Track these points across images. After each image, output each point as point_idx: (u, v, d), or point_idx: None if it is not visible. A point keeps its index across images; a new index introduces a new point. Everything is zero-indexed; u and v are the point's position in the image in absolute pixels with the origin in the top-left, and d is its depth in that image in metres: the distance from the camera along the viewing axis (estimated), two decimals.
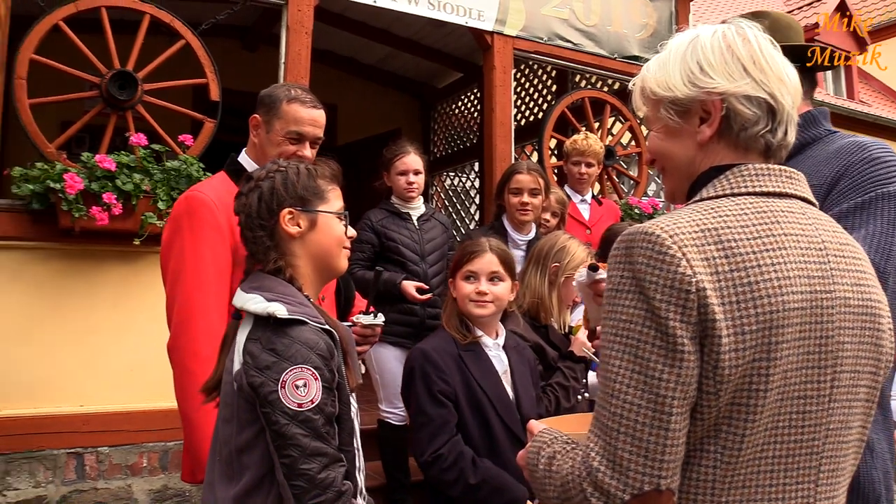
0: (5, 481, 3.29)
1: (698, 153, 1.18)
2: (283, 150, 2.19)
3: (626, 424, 0.99)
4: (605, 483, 0.99)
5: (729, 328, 0.99)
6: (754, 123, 1.14)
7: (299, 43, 3.99)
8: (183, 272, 2.07)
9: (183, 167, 3.47)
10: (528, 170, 3.52)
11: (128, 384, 3.58)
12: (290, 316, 1.46)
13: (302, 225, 1.62)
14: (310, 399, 1.41)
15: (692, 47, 1.17)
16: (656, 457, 0.98)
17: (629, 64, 5.23)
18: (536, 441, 1.17)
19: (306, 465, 1.40)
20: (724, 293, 1.00)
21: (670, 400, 0.98)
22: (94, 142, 3.99)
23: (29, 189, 3.26)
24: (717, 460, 1.03)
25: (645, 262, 1.02)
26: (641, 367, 1.00)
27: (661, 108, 1.20)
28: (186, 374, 2.03)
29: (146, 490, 3.56)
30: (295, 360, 1.42)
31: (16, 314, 3.30)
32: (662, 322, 0.99)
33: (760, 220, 1.07)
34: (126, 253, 3.55)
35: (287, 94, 2.22)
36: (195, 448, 2.04)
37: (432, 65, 7.24)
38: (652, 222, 1.06)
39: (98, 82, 3.52)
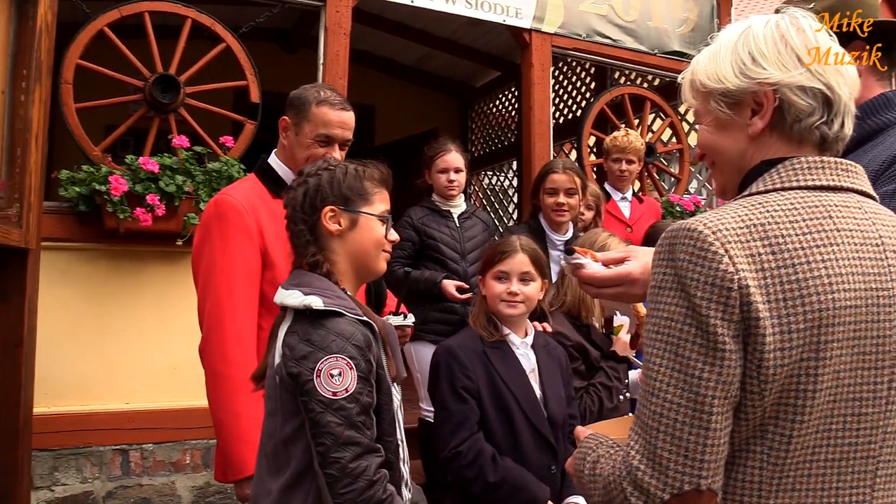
0: (53, 476, 3.37)
1: (749, 146, 1.14)
2: (313, 152, 2.19)
3: (666, 423, 0.98)
4: (644, 482, 0.98)
5: (774, 326, 0.96)
6: (809, 115, 1.09)
7: (338, 44, 4.01)
8: (213, 276, 2.09)
9: (224, 168, 3.51)
10: (564, 169, 3.40)
11: (171, 382, 3.64)
12: (326, 307, 1.49)
13: (342, 223, 1.65)
14: (344, 388, 1.44)
15: (744, 38, 1.14)
16: (696, 456, 0.97)
17: (670, 59, 5.15)
18: (583, 447, 1.16)
19: (338, 454, 1.42)
20: (769, 290, 0.97)
21: (710, 399, 0.96)
22: (137, 145, 4.07)
23: (75, 191, 3.33)
24: (763, 461, 1.01)
25: (687, 258, 1.00)
26: (682, 366, 0.98)
27: (711, 101, 1.16)
28: (216, 377, 2.07)
29: (189, 486, 3.62)
30: (330, 349, 1.45)
31: (63, 314, 3.37)
32: (703, 320, 0.97)
33: (811, 215, 1.03)
34: (169, 253, 3.61)
35: (316, 96, 2.21)
36: (226, 448, 2.07)
37: (470, 64, 7.23)
38: (696, 218, 1.03)
39: (142, 86, 3.59)
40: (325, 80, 3.98)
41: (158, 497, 3.55)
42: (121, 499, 3.47)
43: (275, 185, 2.23)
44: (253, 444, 1.98)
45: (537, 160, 4.58)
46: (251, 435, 1.99)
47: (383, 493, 1.43)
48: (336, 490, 1.42)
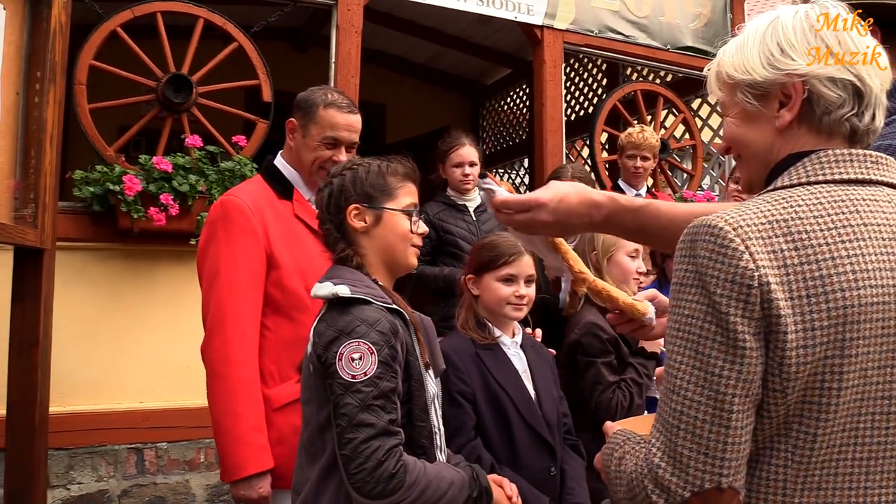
0: (69, 475, 3.39)
1: (777, 139, 1.12)
2: (319, 154, 2.21)
3: (687, 421, 0.97)
4: (665, 480, 0.98)
5: (797, 324, 0.95)
6: (839, 106, 1.07)
7: (349, 42, 4.01)
8: (217, 276, 2.09)
9: (237, 168, 3.52)
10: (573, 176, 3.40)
11: (185, 381, 3.64)
12: (353, 295, 1.54)
13: (367, 220, 1.69)
14: (363, 371, 1.48)
15: (772, 28, 1.12)
16: (717, 454, 0.96)
17: (682, 55, 5.11)
18: (610, 443, 1.16)
19: (351, 435, 1.45)
20: (791, 287, 0.96)
21: (731, 397, 0.95)
22: (150, 145, 4.08)
23: (90, 191, 3.35)
24: (788, 459, 0.99)
25: (707, 255, 0.98)
26: (702, 364, 0.97)
27: (737, 93, 1.14)
28: (216, 377, 2.08)
29: (203, 485, 3.63)
30: (353, 335, 1.50)
31: (78, 313, 3.39)
32: (723, 318, 0.96)
33: (837, 210, 1.01)
34: (182, 252, 3.62)
35: (324, 98, 2.23)
36: (223, 449, 2.07)
37: (481, 62, 7.21)
38: (717, 214, 1.01)
39: (154, 86, 3.60)
40: (337, 78, 3.98)
41: (173, 495, 3.56)
42: (136, 497, 3.49)
43: (281, 186, 2.25)
44: (251, 446, 2.02)
45: (549, 157, 4.57)
46: (249, 436, 2.02)
47: (394, 468, 1.45)
48: (349, 470, 1.45)
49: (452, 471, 1.59)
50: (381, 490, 1.44)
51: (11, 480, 2.45)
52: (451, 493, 1.55)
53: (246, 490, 2.02)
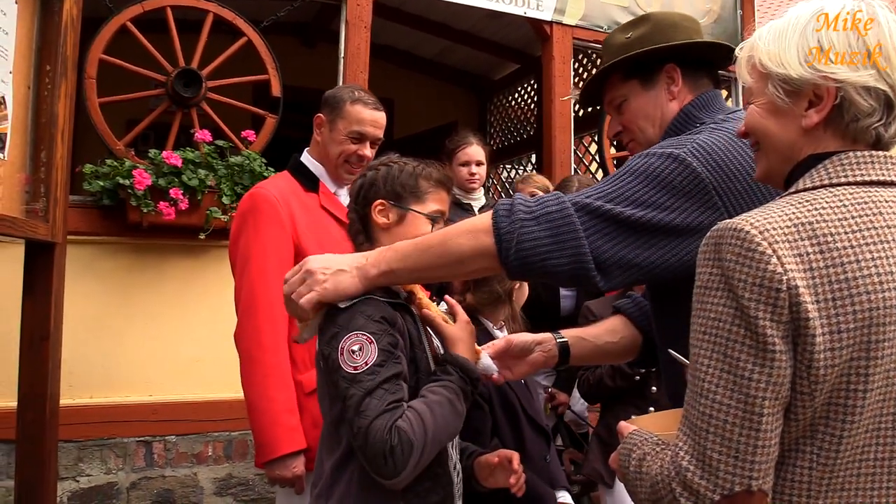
0: (78, 467, 3.41)
1: (800, 138, 1.11)
2: (345, 148, 2.30)
3: (716, 424, 0.97)
4: (694, 483, 0.98)
5: (824, 326, 0.95)
6: (868, 115, 1.07)
7: (358, 38, 4.01)
8: (248, 265, 2.19)
9: (246, 162, 3.52)
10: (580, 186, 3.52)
11: (193, 375, 3.66)
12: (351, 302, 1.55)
13: (390, 218, 1.71)
14: (364, 361, 1.49)
15: (812, 23, 1.09)
16: (747, 457, 0.96)
17: None
18: (627, 443, 1.16)
19: (358, 424, 1.46)
20: (818, 290, 0.96)
21: (761, 400, 0.95)
22: (158, 139, 4.09)
23: (99, 185, 3.36)
24: (813, 461, 1.00)
25: (733, 259, 0.98)
26: (731, 367, 0.97)
27: (769, 84, 1.12)
28: (250, 361, 2.17)
29: (211, 478, 3.65)
30: (351, 328, 1.52)
31: (87, 307, 3.40)
32: (752, 321, 0.96)
33: (861, 213, 1.01)
34: (191, 247, 3.63)
35: (351, 95, 2.33)
36: (258, 430, 2.15)
37: (489, 57, 7.19)
38: (741, 217, 1.01)
39: (164, 80, 3.60)
40: (346, 73, 3.98)
41: (181, 488, 3.58)
42: (144, 490, 3.50)
43: (307, 180, 2.34)
44: (284, 427, 2.10)
45: (558, 153, 4.57)
46: (283, 417, 2.11)
47: (394, 439, 1.43)
48: (367, 459, 1.45)
49: (439, 389, 1.55)
50: (395, 466, 1.44)
51: (22, 472, 2.46)
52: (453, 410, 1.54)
53: (281, 470, 2.11)
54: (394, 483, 1.47)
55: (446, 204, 1.77)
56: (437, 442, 1.52)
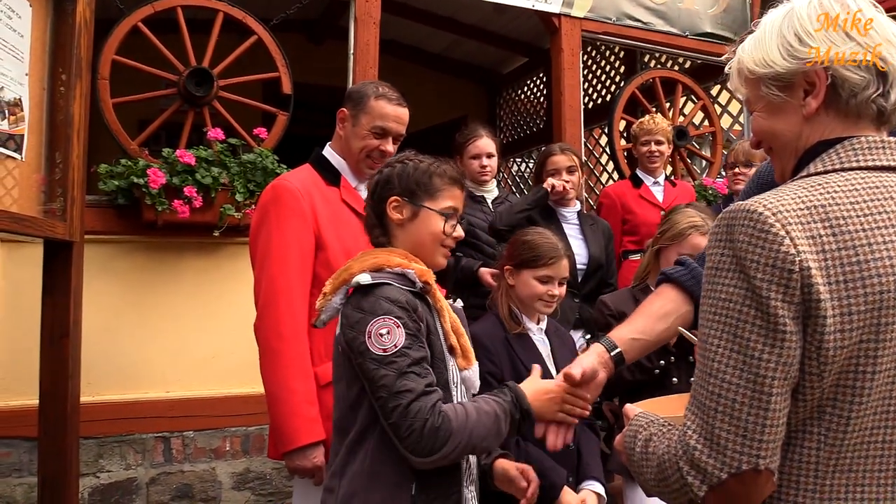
0: (98, 463, 3.46)
1: (805, 127, 1.13)
2: (367, 143, 2.32)
3: (725, 404, 0.99)
4: (702, 461, 0.99)
5: (835, 308, 0.96)
6: (864, 88, 1.08)
7: (368, 34, 4.02)
8: (269, 257, 2.21)
9: (258, 160, 3.55)
10: (562, 150, 3.58)
11: (210, 371, 3.70)
12: (373, 281, 1.60)
13: (404, 214, 1.75)
14: (393, 344, 1.54)
15: (788, 19, 1.13)
16: (755, 436, 0.97)
17: (702, 41, 5.08)
18: (633, 425, 1.17)
19: (394, 403, 1.51)
20: (830, 272, 0.97)
21: (770, 380, 0.96)
22: (169, 138, 4.12)
23: (114, 185, 3.39)
24: (820, 442, 1.01)
25: (746, 240, 0.99)
26: (741, 347, 0.98)
27: (762, 87, 1.15)
28: (270, 352, 2.18)
29: (229, 473, 3.69)
30: (377, 312, 1.57)
31: (104, 306, 3.44)
32: (763, 302, 0.97)
33: (872, 197, 1.02)
34: (205, 245, 3.66)
35: (375, 90, 2.34)
36: (277, 421, 2.17)
37: (497, 51, 7.20)
38: (754, 199, 1.02)
39: (176, 80, 3.63)
40: (356, 70, 4.00)
41: (200, 483, 3.62)
42: (164, 485, 3.55)
43: (329, 173, 2.36)
44: (304, 418, 2.13)
45: None
46: (302, 408, 2.12)
47: (438, 421, 1.51)
48: (400, 435, 1.51)
49: (492, 402, 1.62)
50: (433, 445, 1.50)
51: (45, 468, 2.50)
52: (496, 426, 1.59)
53: (301, 460, 2.12)
54: (424, 462, 1.52)
55: (460, 201, 1.80)
56: (471, 445, 1.56)
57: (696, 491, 1.00)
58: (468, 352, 1.75)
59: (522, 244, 2.40)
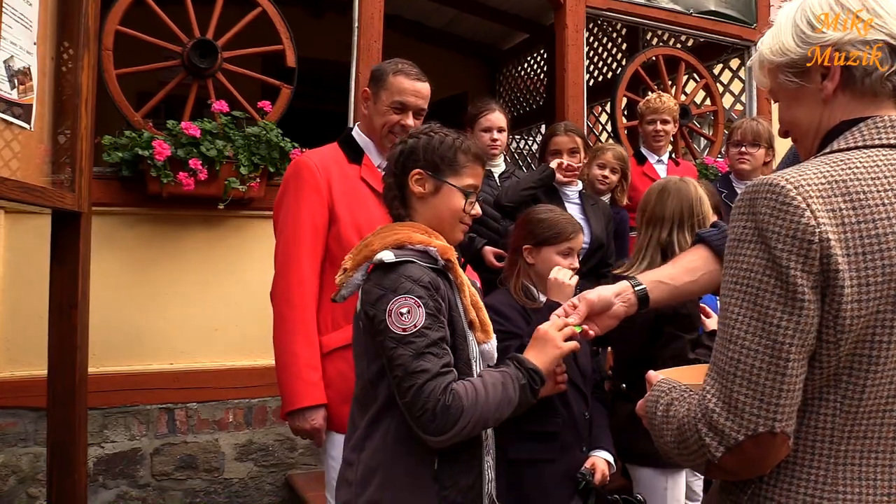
0: (103, 434, 3.49)
1: (824, 111, 1.17)
2: (388, 119, 2.38)
3: (743, 369, 1.02)
4: (719, 423, 1.02)
5: (853, 279, 0.98)
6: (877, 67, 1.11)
7: (372, 7, 4.00)
8: (286, 228, 2.32)
9: (263, 133, 3.54)
10: (566, 131, 3.54)
11: (213, 343, 3.72)
12: (396, 259, 1.60)
13: (427, 188, 1.74)
14: (413, 324, 1.55)
15: (800, 9, 1.17)
16: (772, 400, 1.00)
17: (705, 19, 5.06)
18: (655, 390, 1.20)
19: (409, 382, 1.52)
20: (849, 244, 0.99)
21: (788, 346, 0.99)
22: (168, 111, 4.09)
23: (118, 157, 3.38)
24: (836, 409, 1.04)
25: (768, 212, 1.02)
26: (760, 315, 1.01)
27: (779, 75, 1.20)
28: (280, 318, 2.30)
29: (232, 444, 3.72)
30: (399, 291, 1.57)
31: (109, 278, 3.44)
32: (783, 271, 0.99)
33: (893, 173, 1.05)
34: (209, 217, 3.67)
35: (394, 67, 2.42)
36: (282, 383, 2.27)
37: (498, 26, 7.17)
38: (777, 174, 1.05)
39: (180, 52, 3.61)
40: (360, 43, 3.98)
41: (203, 454, 3.65)
42: (168, 455, 3.58)
43: (352, 151, 2.44)
44: (305, 381, 2.22)
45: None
46: (305, 373, 2.23)
47: (449, 399, 1.52)
48: (414, 415, 1.53)
49: (497, 373, 1.63)
50: (445, 423, 1.51)
51: (54, 438, 2.52)
52: (505, 394, 1.61)
53: (300, 422, 2.23)
54: (436, 441, 1.54)
55: (480, 179, 1.80)
56: (484, 419, 1.57)
57: (714, 452, 1.03)
58: (487, 325, 1.76)
59: (540, 223, 2.41)
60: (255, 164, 3.51)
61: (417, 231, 1.69)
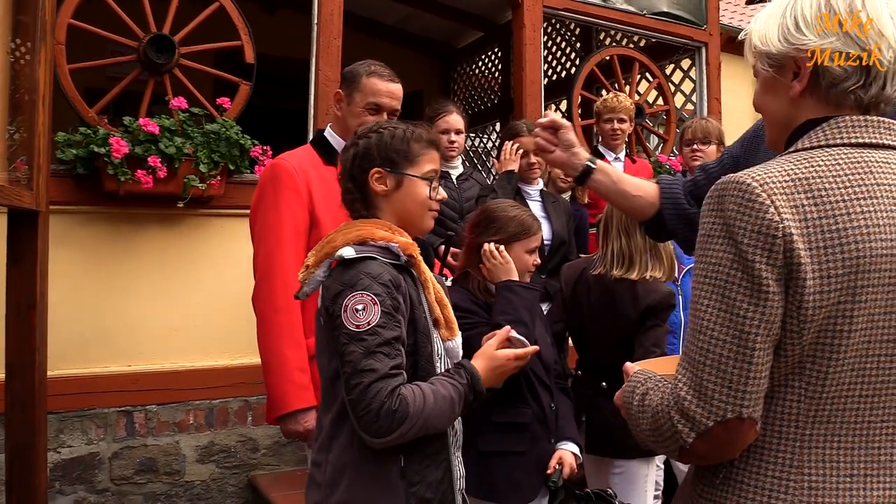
0: (59, 439, 3.40)
1: (791, 108, 1.22)
2: (363, 120, 2.35)
3: (712, 358, 1.07)
4: (691, 410, 1.08)
5: (815, 271, 1.04)
6: (843, 80, 1.15)
7: (331, 4, 3.98)
8: (265, 231, 2.30)
9: (223, 130, 3.49)
10: (529, 130, 3.55)
11: (172, 344, 3.66)
12: (357, 255, 1.60)
13: (388, 185, 1.73)
14: (367, 321, 1.54)
15: (793, 4, 1.20)
16: (739, 387, 1.06)
17: (658, 20, 5.18)
18: (632, 381, 1.25)
19: (356, 380, 1.52)
20: (811, 238, 1.05)
21: (754, 336, 1.05)
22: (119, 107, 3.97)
23: (73, 154, 3.29)
24: (801, 395, 1.10)
25: (735, 208, 1.07)
26: (728, 306, 1.06)
27: (759, 62, 1.24)
28: (265, 323, 2.28)
29: (193, 446, 3.67)
30: (356, 287, 1.57)
31: (64, 278, 3.35)
32: (749, 265, 1.05)
33: (853, 171, 1.10)
34: (167, 216, 3.60)
35: (367, 69, 2.43)
36: (272, 387, 2.27)
37: (453, 24, 7.19)
38: (744, 172, 1.10)
39: (136, 47, 3.53)
40: (319, 41, 3.96)
41: (164, 457, 3.59)
42: (127, 459, 3.51)
43: (327, 153, 2.44)
44: (295, 384, 2.22)
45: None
46: (294, 375, 2.23)
47: (395, 405, 1.51)
48: (357, 413, 1.52)
49: (449, 385, 1.63)
50: (387, 427, 1.50)
51: (13, 442, 2.46)
52: (451, 409, 1.62)
53: (293, 424, 2.23)
54: (375, 443, 1.53)
55: (438, 162, 1.81)
56: (426, 426, 1.57)
57: (686, 438, 1.08)
58: (452, 322, 1.76)
59: (511, 220, 2.41)
60: (216, 161, 3.46)
61: (380, 227, 1.68)
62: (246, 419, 3.78)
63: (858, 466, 1.10)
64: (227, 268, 3.75)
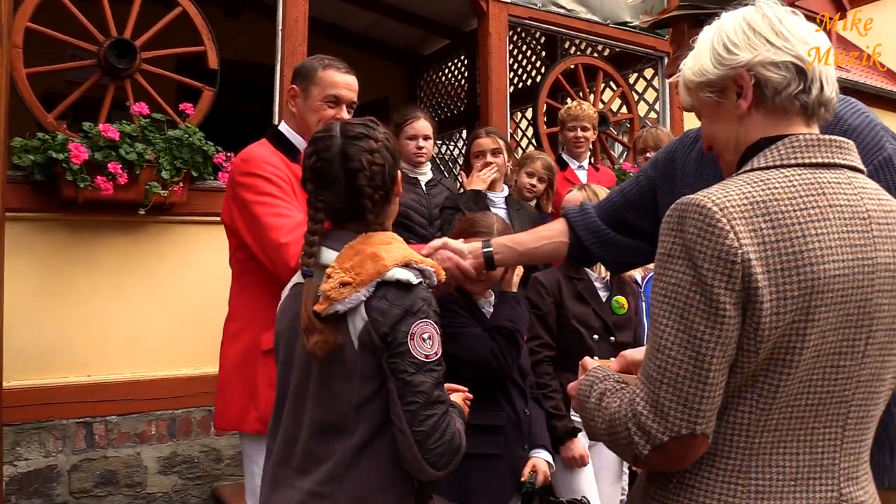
0: (15, 451, 3.31)
1: (740, 127, 1.27)
2: (323, 114, 2.33)
3: (669, 376, 1.10)
4: (647, 425, 1.12)
5: (772, 294, 1.08)
6: (786, 86, 1.21)
7: (297, 10, 3.97)
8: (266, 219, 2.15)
9: (185, 136, 3.45)
10: (488, 133, 3.66)
11: (133, 354, 3.60)
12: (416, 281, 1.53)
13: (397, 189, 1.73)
14: (434, 351, 1.51)
15: (717, 33, 1.28)
16: (694, 406, 1.09)
17: (621, 30, 5.26)
18: (589, 376, 1.28)
19: (430, 412, 1.48)
20: (768, 262, 1.08)
21: (710, 358, 1.08)
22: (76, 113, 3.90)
23: (30, 160, 3.22)
24: (752, 406, 1.14)
25: (696, 232, 1.10)
26: (686, 328, 1.10)
27: (700, 93, 1.30)
28: None
29: (155, 457, 3.61)
30: (419, 314, 1.51)
31: (20, 286, 3.28)
32: (708, 289, 1.08)
33: (807, 192, 1.14)
34: (128, 223, 3.55)
35: (321, 63, 2.38)
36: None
37: (419, 32, 7.20)
38: (703, 193, 1.13)
39: (96, 51, 3.47)
40: (285, 46, 3.94)
41: (125, 468, 3.52)
42: (86, 471, 3.43)
43: (289, 150, 2.37)
44: None
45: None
46: None
47: (459, 440, 1.53)
48: (427, 446, 1.47)
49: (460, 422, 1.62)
50: (451, 460, 1.51)
51: None
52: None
53: None
54: (435, 475, 1.51)
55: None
56: None
57: (641, 450, 1.13)
58: None
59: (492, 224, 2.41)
60: (178, 168, 3.42)
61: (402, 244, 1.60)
62: (209, 429, 3.72)
63: (803, 471, 1.15)
64: (189, 276, 3.70)
